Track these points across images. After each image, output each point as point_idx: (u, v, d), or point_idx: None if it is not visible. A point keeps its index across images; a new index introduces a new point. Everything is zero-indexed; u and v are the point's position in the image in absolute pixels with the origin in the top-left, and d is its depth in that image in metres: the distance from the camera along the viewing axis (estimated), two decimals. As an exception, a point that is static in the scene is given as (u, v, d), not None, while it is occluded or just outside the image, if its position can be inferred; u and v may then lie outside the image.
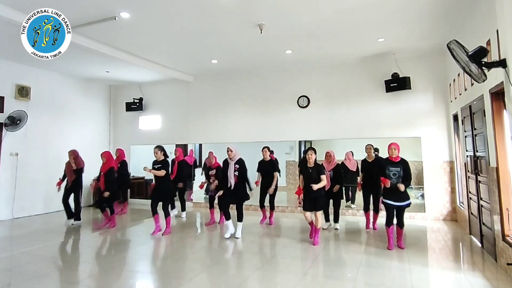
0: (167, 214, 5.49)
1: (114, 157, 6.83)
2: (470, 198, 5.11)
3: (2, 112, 6.86)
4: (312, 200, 4.68)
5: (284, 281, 3.53)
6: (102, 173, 6.04)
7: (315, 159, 4.78)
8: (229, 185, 4.99)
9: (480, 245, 4.67)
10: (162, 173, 5.30)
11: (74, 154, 6.39)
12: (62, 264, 4.28)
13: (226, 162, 5.11)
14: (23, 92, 7.31)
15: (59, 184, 6.27)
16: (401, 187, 4.34)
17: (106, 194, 5.86)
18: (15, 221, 6.80)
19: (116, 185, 6.26)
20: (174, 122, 9.00)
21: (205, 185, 6.65)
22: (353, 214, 7.07)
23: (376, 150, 6.14)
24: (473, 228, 5.12)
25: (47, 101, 7.84)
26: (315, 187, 4.55)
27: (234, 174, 4.94)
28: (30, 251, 4.70)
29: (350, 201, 7.26)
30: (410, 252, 4.39)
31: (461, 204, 6.06)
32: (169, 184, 5.57)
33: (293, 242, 5.00)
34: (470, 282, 3.43)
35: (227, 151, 5.05)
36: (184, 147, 9.13)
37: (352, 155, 6.78)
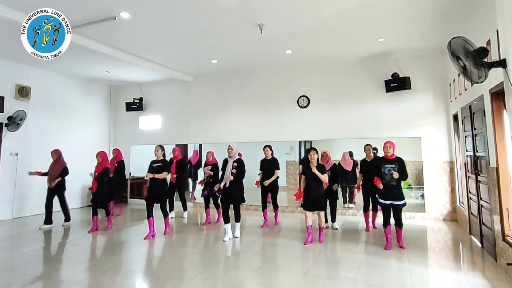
0: (165, 215, 5.49)
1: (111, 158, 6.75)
2: (470, 198, 5.11)
3: (2, 112, 6.87)
4: (313, 200, 4.79)
5: (284, 281, 3.53)
6: (96, 174, 5.88)
7: (318, 159, 4.92)
8: (223, 183, 5.11)
9: (480, 245, 4.67)
10: (164, 175, 5.27)
11: None
12: (61, 265, 4.28)
13: (225, 161, 5.23)
14: (23, 92, 7.31)
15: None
16: (395, 174, 4.40)
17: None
18: (15, 221, 6.81)
19: (112, 185, 6.08)
20: (174, 122, 9.00)
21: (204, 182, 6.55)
22: (353, 214, 7.07)
23: (375, 149, 6.15)
24: (473, 228, 5.12)
25: (47, 101, 7.85)
26: (322, 177, 4.73)
27: (232, 172, 5.04)
28: (30, 251, 4.70)
29: (347, 203, 7.26)
30: (410, 252, 4.39)
31: (461, 204, 6.06)
32: (164, 184, 5.44)
33: (294, 241, 4.99)
34: (470, 282, 3.43)
35: (228, 149, 5.18)
36: (184, 147, 9.15)
37: (351, 155, 6.80)
